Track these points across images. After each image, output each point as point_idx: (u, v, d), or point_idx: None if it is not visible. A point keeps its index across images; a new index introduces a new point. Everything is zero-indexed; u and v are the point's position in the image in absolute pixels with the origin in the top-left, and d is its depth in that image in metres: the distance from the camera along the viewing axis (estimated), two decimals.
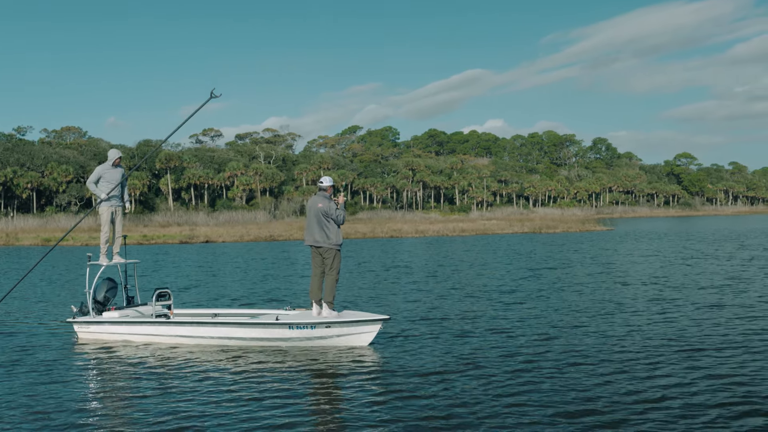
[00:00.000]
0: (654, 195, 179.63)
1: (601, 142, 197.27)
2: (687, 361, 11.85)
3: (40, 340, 14.77)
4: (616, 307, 17.80)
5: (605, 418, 8.94)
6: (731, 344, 13.10)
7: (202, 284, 25.17)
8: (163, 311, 14.93)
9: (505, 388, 10.38)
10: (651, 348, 12.84)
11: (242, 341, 13.94)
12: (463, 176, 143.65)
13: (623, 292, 20.67)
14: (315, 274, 14.09)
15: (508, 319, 16.13)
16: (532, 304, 18.61)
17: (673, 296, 19.79)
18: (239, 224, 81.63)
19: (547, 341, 13.65)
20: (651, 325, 15.22)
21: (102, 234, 15.46)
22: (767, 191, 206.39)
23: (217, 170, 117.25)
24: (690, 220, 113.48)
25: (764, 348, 12.74)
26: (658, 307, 17.59)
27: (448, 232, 66.98)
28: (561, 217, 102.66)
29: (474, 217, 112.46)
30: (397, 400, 9.88)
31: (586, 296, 19.95)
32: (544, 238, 58.20)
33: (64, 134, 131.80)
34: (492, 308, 17.98)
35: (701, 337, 13.80)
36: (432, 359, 12.26)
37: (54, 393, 10.59)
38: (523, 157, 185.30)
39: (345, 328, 13.53)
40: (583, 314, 16.78)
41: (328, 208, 13.75)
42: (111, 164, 15.48)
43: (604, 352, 12.59)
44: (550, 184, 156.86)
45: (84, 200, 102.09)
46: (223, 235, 61.76)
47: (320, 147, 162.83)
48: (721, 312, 16.87)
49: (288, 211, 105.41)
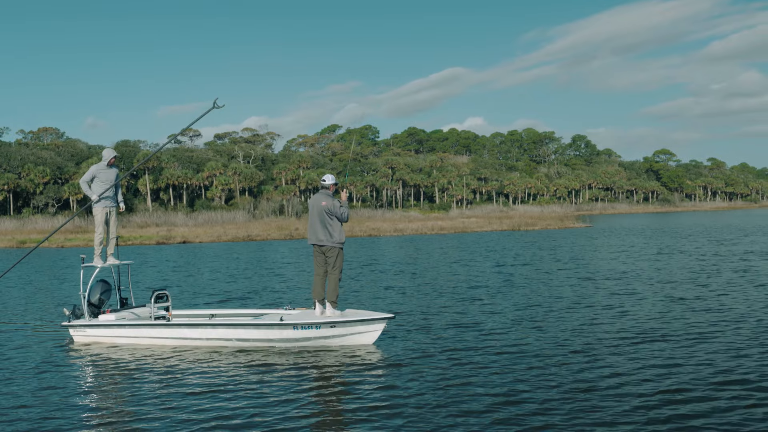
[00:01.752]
0: (633, 191, 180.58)
1: (580, 139, 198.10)
2: (629, 350, 12.41)
3: (34, 345, 14.49)
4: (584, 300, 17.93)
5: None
6: (673, 334, 13.76)
7: (182, 284, 25.05)
8: (161, 313, 14.68)
9: (509, 385, 10.40)
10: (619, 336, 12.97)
11: (246, 342, 13.75)
12: (443, 174, 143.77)
13: (590, 287, 20.83)
14: (318, 273, 13.96)
15: (502, 315, 16.19)
16: (517, 299, 18.68)
17: (630, 289, 20.36)
18: (218, 224, 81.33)
19: (546, 338, 13.72)
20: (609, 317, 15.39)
21: (96, 235, 15.19)
22: (745, 187, 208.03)
23: (195, 170, 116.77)
24: (668, 216, 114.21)
25: (699, 338, 13.32)
26: (616, 300, 17.93)
27: (427, 231, 66.97)
28: (540, 215, 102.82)
29: (453, 215, 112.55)
30: (404, 399, 9.88)
31: (586, 294, 20.02)
32: (522, 235, 58.34)
33: (41, 135, 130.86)
34: (489, 305, 18.04)
35: (646, 328, 14.42)
36: (436, 357, 12.27)
37: (52, 399, 10.43)
38: (503, 155, 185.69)
39: (349, 328, 13.43)
40: (583, 312, 16.84)
41: (332, 205, 13.65)
42: (106, 164, 15.26)
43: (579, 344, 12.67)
44: (530, 181, 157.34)
45: (61, 202, 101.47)
46: (201, 236, 61.51)
47: (300, 146, 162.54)
48: (671, 304, 17.50)
49: (267, 211, 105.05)
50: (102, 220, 15.15)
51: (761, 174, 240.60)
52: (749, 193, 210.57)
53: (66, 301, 20.00)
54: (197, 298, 20.95)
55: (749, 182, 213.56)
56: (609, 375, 10.82)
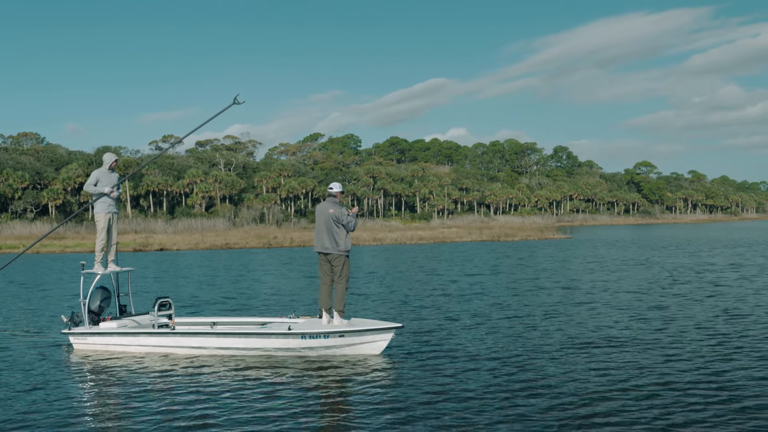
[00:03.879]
0: (614, 203, 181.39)
1: (562, 150, 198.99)
2: (579, 355, 12.86)
3: (33, 353, 14.26)
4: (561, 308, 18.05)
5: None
6: (623, 341, 14.48)
7: (164, 292, 24.94)
8: (163, 321, 14.48)
9: (518, 394, 10.45)
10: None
11: (252, 351, 13.60)
12: (424, 184, 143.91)
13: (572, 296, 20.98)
14: (324, 282, 13.88)
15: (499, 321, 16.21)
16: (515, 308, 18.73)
17: (593, 299, 20.99)
18: (197, 232, 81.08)
19: (556, 346, 13.84)
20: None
21: (98, 241, 14.99)
22: (725, 200, 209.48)
23: (176, 177, 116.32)
24: (647, 229, 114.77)
25: (652, 344, 14.03)
26: (561, 308, 18.25)
27: (406, 240, 66.96)
28: (521, 225, 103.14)
29: (434, 225, 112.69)
30: (413, 410, 9.87)
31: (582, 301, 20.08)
32: (500, 246, 58.48)
33: (20, 140, 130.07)
34: (494, 312, 18.09)
35: (598, 334, 15.14)
36: (445, 367, 12.27)
37: (53, 409, 10.27)
38: (485, 165, 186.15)
39: (358, 337, 13.34)
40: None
41: (339, 213, 13.58)
42: (107, 168, 15.08)
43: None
44: (511, 192, 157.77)
45: (40, 207, 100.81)
46: (179, 243, 61.30)
47: (281, 154, 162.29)
48: (626, 312, 18.38)
49: (248, 219, 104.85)
50: (104, 226, 14.96)
51: (741, 187, 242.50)
52: (729, 206, 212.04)
53: (72, 308, 19.43)
54: (187, 308, 20.77)
55: (729, 195, 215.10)
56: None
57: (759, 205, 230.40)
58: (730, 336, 14.91)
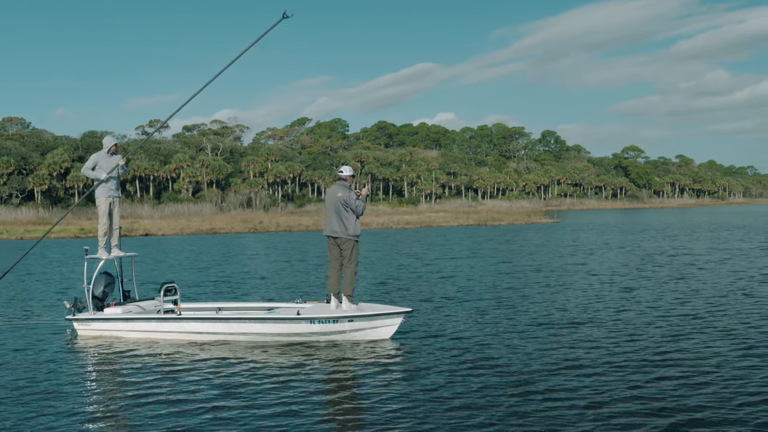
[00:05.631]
0: (602, 187, 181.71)
1: (550, 134, 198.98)
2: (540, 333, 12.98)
3: (37, 340, 14.14)
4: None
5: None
6: (581, 321, 15.00)
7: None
8: (169, 306, 14.40)
9: (527, 382, 10.42)
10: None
11: (261, 337, 13.54)
12: (412, 168, 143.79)
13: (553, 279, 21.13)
14: (333, 266, 13.85)
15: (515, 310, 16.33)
16: (519, 296, 18.84)
17: (562, 282, 21.47)
18: (184, 217, 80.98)
19: (567, 334, 13.82)
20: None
21: (100, 226, 14.86)
22: (713, 184, 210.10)
23: (163, 162, 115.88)
24: (635, 213, 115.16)
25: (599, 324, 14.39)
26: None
27: (393, 225, 67.11)
28: (508, 210, 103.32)
29: (422, 209, 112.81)
30: (422, 393, 9.89)
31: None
32: (486, 230, 58.63)
33: (5, 125, 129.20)
34: (504, 300, 18.21)
35: (553, 316, 15.61)
36: (454, 352, 12.29)
37: (62, 394, 10.23)
38: (473, 150, 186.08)
39: (367, 322, 13.33)
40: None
41: (348, 197, 13.55)
42: (106, 152, 14.99)
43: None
44: (499, 176, 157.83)
45: (26, 193, 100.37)
46: (164, 228, 61.25)
47: (269, 139, 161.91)
48: (588, 293, 19.08)
49: (235, 204, 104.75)
50: (106, 211, 14.85)
51: (728, 171, 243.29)
52: (716, 190, 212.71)
53: (75, 294, 18.82)
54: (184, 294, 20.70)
55: (717, 179, 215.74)
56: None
57: (746, 189, 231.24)
58: (686, 317, 15.30)
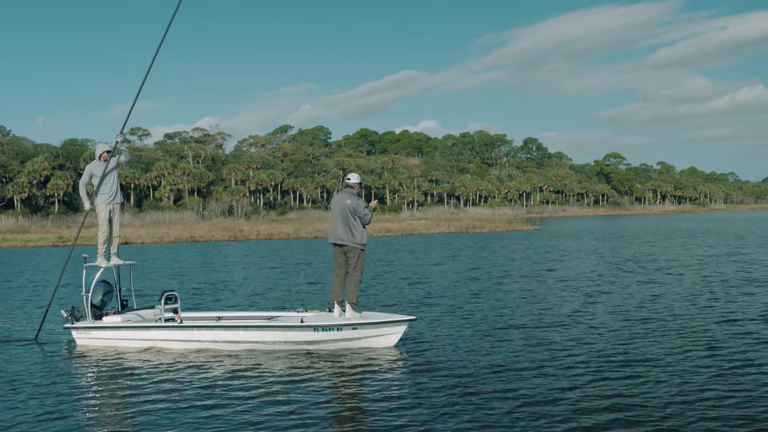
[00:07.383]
0: (584, 194, 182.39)
1: (532, 142, 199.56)
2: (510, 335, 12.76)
3: (34, 348, 14.03)
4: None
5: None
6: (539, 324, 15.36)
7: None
8: (169, 315, 14.27)
9: (532, 388, 10.41)
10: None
11: (263, 345, 13.43)
12: (394, 176, 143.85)
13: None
14: (338, 274, 13.74)
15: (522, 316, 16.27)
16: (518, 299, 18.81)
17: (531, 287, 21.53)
18: (165, 225, 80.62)
19: (573, 340, 13.85)
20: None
21: (100, 234, 14.67)
22: (694, 191, 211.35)
23: (144, 170, 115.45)
24: (616, 220, 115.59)
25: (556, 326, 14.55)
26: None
27: (374, 232, 67.00)
28: (490, 217, 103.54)
29: (404, 216, 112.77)
30: (427, 402, 9.85)
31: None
32: (466, 237, 58.68)
33: None
34: (509, 306, 18.29)
35: (519, 318, 16.00)
36: (458, 359, 12.24)
37: (61, 404, 10.11)
38: (455, 157, 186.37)
39: (371, 330, 13.27)
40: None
41: (356, 205, 13.43)
42: (99, 160, 14.79)
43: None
44: (481, 183, 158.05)
45: (5, 201, 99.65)
46: (143, 236, 60.91)
47: (251, 146, 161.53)
48: (553, 298, 19.59)
49: (216, 212, 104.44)
50: (105, 218, 14.71)
51: (709, 178, 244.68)
52: (698, 197, 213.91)
53: (73, 303, 18.42)
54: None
55: (698, 186, 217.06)
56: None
57: (727, 196, 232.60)
58: (650, 320, 15.67)
